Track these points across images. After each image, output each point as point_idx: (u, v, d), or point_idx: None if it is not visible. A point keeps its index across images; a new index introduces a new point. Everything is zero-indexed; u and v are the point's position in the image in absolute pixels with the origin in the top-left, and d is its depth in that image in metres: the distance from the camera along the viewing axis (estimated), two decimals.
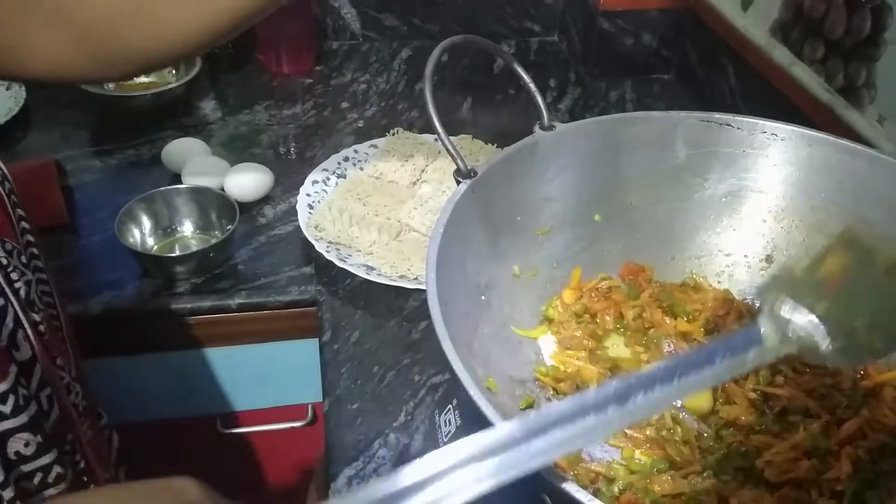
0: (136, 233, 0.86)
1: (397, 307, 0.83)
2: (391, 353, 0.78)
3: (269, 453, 0.99)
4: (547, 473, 0.35)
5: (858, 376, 0.54)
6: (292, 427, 0.95)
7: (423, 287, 0.82)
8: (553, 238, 0.59)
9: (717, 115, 0.60)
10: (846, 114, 0.87)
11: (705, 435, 0.51)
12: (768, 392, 0.53)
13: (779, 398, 0.52)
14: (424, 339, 0.79)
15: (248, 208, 0.93)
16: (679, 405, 0.52)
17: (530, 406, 0.52)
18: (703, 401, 0.53)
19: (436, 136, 1.02)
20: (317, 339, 0.83)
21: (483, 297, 0.53)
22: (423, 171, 0.99)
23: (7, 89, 1.06)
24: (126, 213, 0.85)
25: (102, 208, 0.91)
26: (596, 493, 0.44)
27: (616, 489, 0.47)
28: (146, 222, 0.87)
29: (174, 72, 1.12)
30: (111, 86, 1.09)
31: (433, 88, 0.50)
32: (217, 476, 1.04)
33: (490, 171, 0.54)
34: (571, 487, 0.34)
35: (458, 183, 0.53)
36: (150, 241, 0.87)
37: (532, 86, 0.58)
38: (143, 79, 1.12)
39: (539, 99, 0.58)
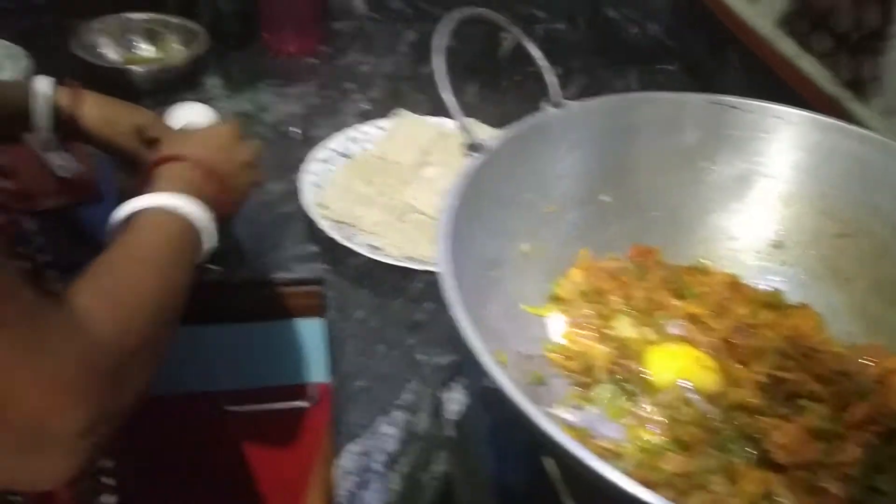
0: None
1: (402, 287, 0.82)
2: (396, 333, 0.78)
3: (273, 432, 0.98)
4: (559, 438, 0.35)
5: (866, 363, 0.54)
6: (297, 406, 0.95)
7: (428, 268, 0.82)
8: (561, 217, 0.59)
9: (727, 98, 0.60)
10: (852, 107, 0.88)
11: (713, 417, 0.51)
12: (777, 375, 0.53)
13: (786, 382, 0.52)
14: (430, 320, 0.79)
15: None
16: (687, 386, 0.52)
17: (539, 382, 0.52)
18: (710, 382, 0.53)
19: (444, 116, 1.02)
20: (322, 319, 0.83)
21: (492, 274, 0.53)
22: (427, 153, 0.98)
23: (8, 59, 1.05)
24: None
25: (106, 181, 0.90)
26: None
27: (625, 466, 0.47)
28: None
29: (179, 48, 1.11)
30: (115, 58, 1.08)
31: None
32: (221, 453, 1.04)
33: (500, 147, 0.54)
34: (584, 454, 0.34)
35: (469, 157, 0.52)
36: None
37: (544, 62, 0.58)
38: (147, 53, 1.11)
39: (551, 75, 0.57)
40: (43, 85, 0.71)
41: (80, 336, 0.44)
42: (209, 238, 0.61)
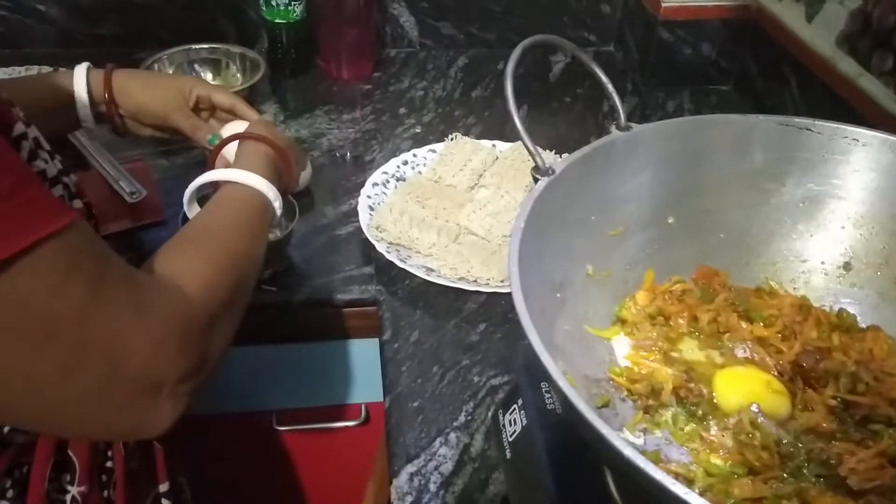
0: None
1: (455, 309, 0.83)
2: (450, 354, 0.78)
3: (323, 450, 0.99)
4: (643, 466, 0.34)
5: None
6: (346, 426, 0.96)
7: (481, 289, 0.82)
8: (626, 239, 0.59)
9: (796, 120, 0.59)
10: None
11: (785, 441, 0.50)
12: (849, 400, 0.52)
13: (860, 406, 0.51)
14: (483, 341, 0.79)
15: (309, 208, 0.95)
16: (756, 410, 0.51)
17: (606, 405, 0.51)
18: (780, 406, 0.52)
19: (495, 140, 1.03)
20: (373, 340, 0.84)
21: (558, 296, 0.53)
22: (480, 175, 0.99)
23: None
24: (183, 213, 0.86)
25: (171, 206, 0.93)
26: None
27: (696, 490, 0.46)
28: None
29: (239, 76, 1.14)
30: None
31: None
32: (272, 471, 1.05)
33: (567, 170, 0.54)
34: (668, 481, 0.34)
35: (536, 181, 0.53)
36: None
37: (610, 86, 0.58)
38: (210, 80, 1.15)
39: (616, 99, 0.58)
40: (79, 70, 0.75)
41: (177, 294, 0.48)
42: (275, 217, 0.68)
